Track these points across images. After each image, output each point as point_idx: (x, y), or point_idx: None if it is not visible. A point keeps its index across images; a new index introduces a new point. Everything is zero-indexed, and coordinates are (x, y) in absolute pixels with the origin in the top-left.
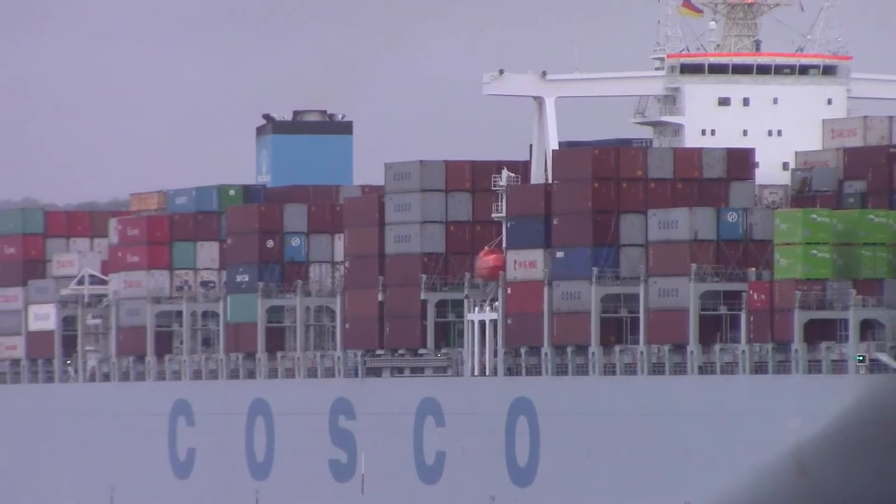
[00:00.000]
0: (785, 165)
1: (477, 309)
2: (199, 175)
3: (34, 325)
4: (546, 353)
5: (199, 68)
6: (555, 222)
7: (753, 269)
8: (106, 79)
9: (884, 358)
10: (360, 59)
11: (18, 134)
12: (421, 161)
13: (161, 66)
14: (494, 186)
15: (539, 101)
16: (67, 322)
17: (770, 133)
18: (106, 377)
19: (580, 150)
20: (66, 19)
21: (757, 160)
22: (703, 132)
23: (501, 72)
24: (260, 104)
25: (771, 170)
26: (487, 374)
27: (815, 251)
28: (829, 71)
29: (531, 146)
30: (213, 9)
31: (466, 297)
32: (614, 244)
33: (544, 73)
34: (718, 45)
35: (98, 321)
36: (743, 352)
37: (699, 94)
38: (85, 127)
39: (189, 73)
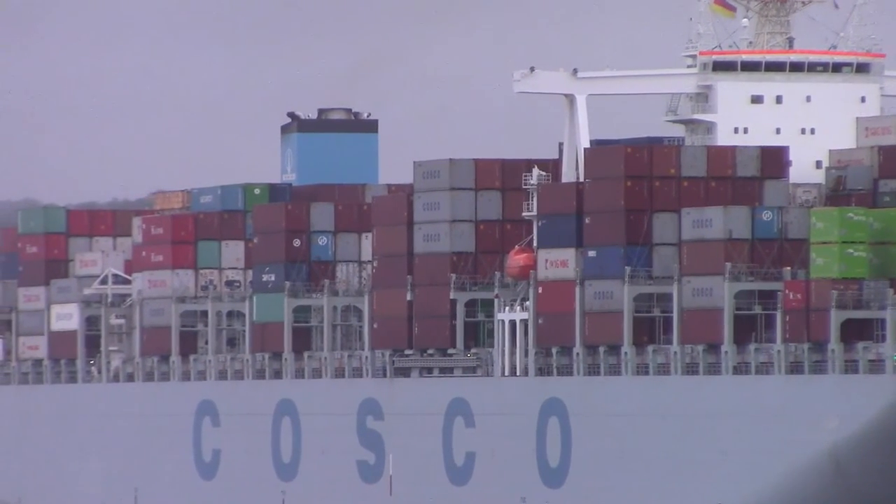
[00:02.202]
0: (818, 164)
1: (507, 308)
2: (223, 174)
3: (56, 325)
4: (578, 353)
5: (223, 67)
6: (587, 221)
7: (788, 268)
8: (129, 78)
9: None
10: (385, 57)
11: (37, 133)
12: (450, 159)
13: (185, 65)
14: (525, 185)
15: (570, 98)
16: (90, 322)
17: (803, 131)
18: (130, 377)
19: (613, 148)
20: (88, 18)
21: (790, 158)
22: (736, 130)
23: (532, 69)
24: (285, 102)
25: (804, 168)
26: (518, 374)
27: (851, 250)
28: (862, 69)
29: (560, 144)
30: (238, 8)
31: (496, 296)
32: (647, 243)
33: (576, 71)
34: (751, 43)
35: (122, 321)
36: (778, 352)
37: (732, 92)
38: (107, 126)
39: (213, 71)
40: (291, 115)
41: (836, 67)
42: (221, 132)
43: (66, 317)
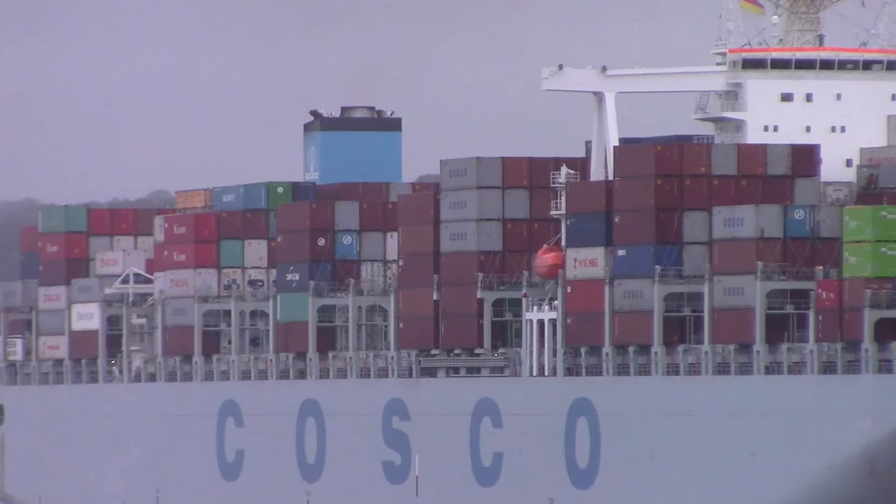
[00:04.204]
0: (848, 162)
1: (535, 308)
2: (245, 172)
3: (77, 325)
4: (607, 353)
5: (246, 65)
6: (616, 220)
7: (821, 267)
8: (150, 77)
9: None
10: (408, 55)
11: (54, 132)
12: (477, 158)
13: (207, 64)
14: (553, 183)
15: (599, 96)
16: (112, 321)
17: (833, 129)
18: (151, 377)
19: (643, 146)
20: (108, 15)
21: (821, 157)
22: (766, 128)
23: (561, 67)
24: (307, 100)
25: (834, 166)
26: (546, 374)
27: (884, 249)
28: (893, 66)
29: (587, 142)
30: (261, 5)
31: (524, 295)
32: (677, 242)
33: (604, 69)
34: (781, 40)
35: (143, 321)
36: (811, 351)
37: (761, 90)
38: (128, 125)
39: (235, 69)
40: (314, 113)
41: (867, 65)
42: (243, 131)
43: (87, 316)
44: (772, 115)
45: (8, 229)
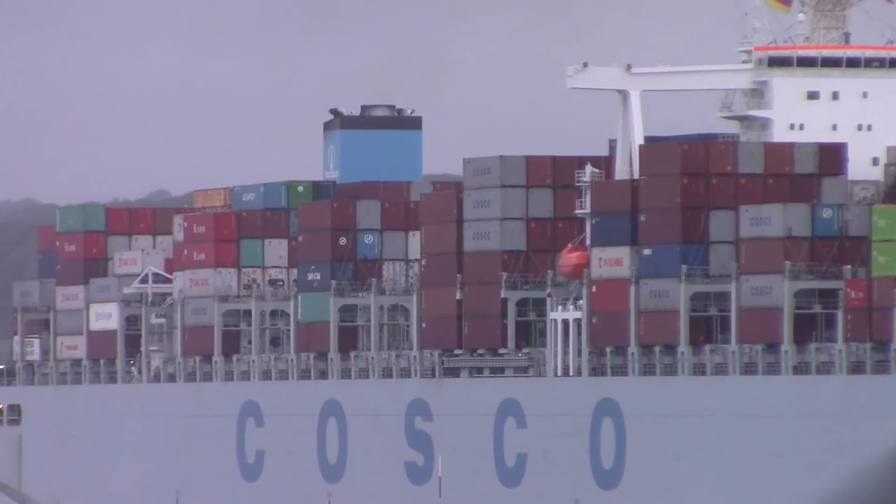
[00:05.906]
0: (875, 161)
1: (560, 307)
2: (264, 171)
3: (96, 325)
4: (633, 353)
5: (266, 64)
6: (642, 219)
7: (849, 266)
8: (169, 76)
9: None
10: (428, 53)
11: (58, 132)
12: (501, 156)
13: (227, 63)
14: (578, 182)
15: (624, 94)
16: (130, 321)
17: (860, 127)
18: (171, 378)
19: (668, 144)
20: (125, 14)
21: (847, 155)
22: (792, 127)
23: (585, 64)
24: (327, 99)
25: (860, 165)
26: (571, 374)
27: None
28: None
29: (610, 141)
30: (280, 3)
31: (549, 295)
32: (704, 241)
33: (629, 67)
34: (807, 38)
35: (162, 320)
36: (840, 351)
37: (787, 88)
38: (147, 124)
39: (256, 68)
40: (334, 111)
41: (893, 63)
42: (263, 129)
43: (106, 316)
44: (798, 114)
45: (8, 229)
